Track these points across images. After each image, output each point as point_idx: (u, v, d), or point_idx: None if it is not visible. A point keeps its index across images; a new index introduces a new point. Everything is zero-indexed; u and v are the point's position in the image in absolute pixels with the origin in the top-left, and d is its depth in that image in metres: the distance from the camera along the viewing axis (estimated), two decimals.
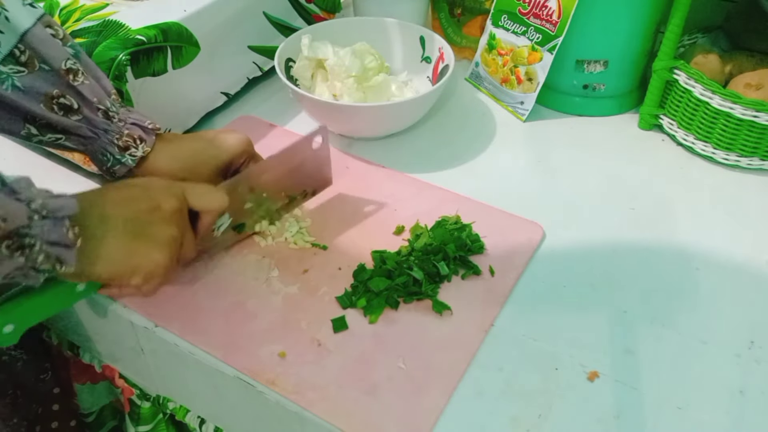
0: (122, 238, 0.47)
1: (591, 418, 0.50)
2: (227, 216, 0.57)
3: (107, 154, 0.56)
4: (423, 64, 0.82)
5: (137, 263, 0.48)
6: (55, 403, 0.74)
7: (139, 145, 0.56)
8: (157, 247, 0.49)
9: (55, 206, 0.42)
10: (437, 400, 0.50)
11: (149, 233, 0.48)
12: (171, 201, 0.50)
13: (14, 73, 0.51)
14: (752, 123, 0.68)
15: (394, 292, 0.57)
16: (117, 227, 0.46)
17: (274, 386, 0.51)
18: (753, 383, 0.52)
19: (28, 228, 0.40)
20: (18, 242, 0.40)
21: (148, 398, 0.67)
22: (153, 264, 0.49)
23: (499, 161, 0.74)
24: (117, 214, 0.47)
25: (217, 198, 0.54)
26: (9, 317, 0.47)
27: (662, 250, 0.63)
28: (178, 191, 0.51)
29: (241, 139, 0.60)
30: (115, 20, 0.67)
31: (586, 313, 0.57)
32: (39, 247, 0.41)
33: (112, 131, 0.55)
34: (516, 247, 0.62)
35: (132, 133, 0.56)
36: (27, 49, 0.51)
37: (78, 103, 0.54)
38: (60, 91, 0.53)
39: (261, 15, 0.81)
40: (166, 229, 0.49)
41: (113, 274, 0.48)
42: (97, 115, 0.55)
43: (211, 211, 0.54)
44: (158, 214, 0.49)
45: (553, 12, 0.74)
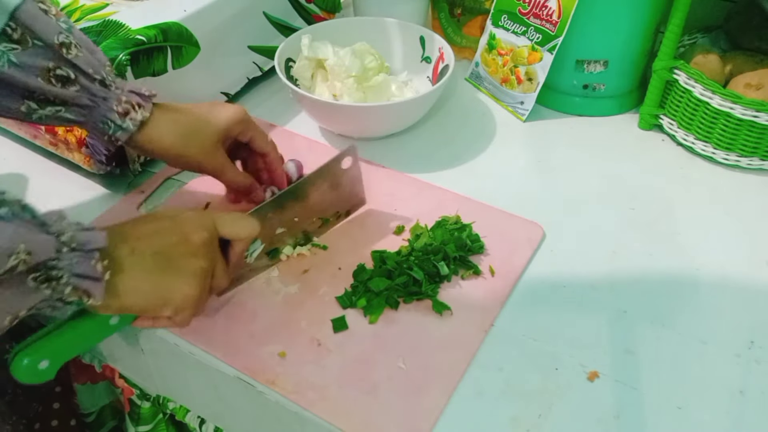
0: (151, 271, 0.47)
1: (591, 418, 0.50)
2: (259, 242, 0.57)
3: (108, 121, 0.55)
4: (423, 64, 0.82)
5: (166, 296, 0.48)
6: (55, 401, 0.74)
7: (138, 110, 0.56)
8: (186, 280, 0.49)
9: (84, 239, 0.43)
10: (437, 400, 0.50)
11: (178, 266, 0.48)
12: (200, 233, 0.49)
13: (9, 50, 0.51)
14: (752, 123, 0.68)
15: (394, 292, 0.57)
16: (146, 261, 0.47)
17: (274, 386, 0.51)
18: (753, 383, 0.52)
19: (56, 260, 0.41)
20: (45, 274, 0.41)
21: (148, 398, 0.67)
22: (182, 297, 0.49)
23: (499, 161, 0.74)
24: (146, 247, 0.47)
25: (248, 225, 0.54)
26: (43, 353, 0.47)
27: (662, 250, 0.63)
28: (208, 221, 0.51)
29: (237, 109, 0.60)
30: (115, 20, 0.67)
31: (586, 313, 0.57)
32: (66, 280, 0.42)
33: (110, 98, 0.55)
34: (516, 247, 0.62)
35: (130, 99, 0.55)
36: (18, 26, 0.50)
37: (74, 74, 0.53)
38: (56, 63, 0.52)
39: (261, 15, 0.81)
40: (195, 261, 0.49)
41: (142, 307, 0.48)
42: (94, 84, 0.54)
43: (242, 239, 0.53)
44: (187, 246, 0.49)
45: (553, 12, 0.74)
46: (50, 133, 0.69)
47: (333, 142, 0.76)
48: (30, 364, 0.46)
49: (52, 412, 0.74)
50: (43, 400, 0.73)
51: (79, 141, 0.66)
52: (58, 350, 0.47)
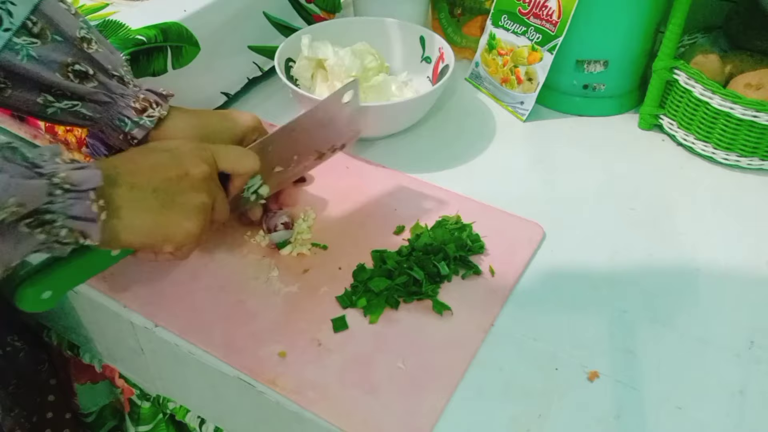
0: (151, 208, 0.46)
1: (591, 418, 0.50)
2: (259, 178, 0.57)
3: (124, 118, 0.55)
4: (423, 64, 0.82)
5: (168, 233, 0.48)
6: (50, 393, 0.74)
7: (156, 108, 0.56)
8: (188, 216, 0.48)
9: (79, 179, 0.42)
10: (437, 400, 0.50)
11: (179, 202, 0.48)
12: (201, 166, 0.49)
13: (29, 44, 0.50)
14: (752, 123, 0.68)
15: (395, 292, 0.57)
16: (146, 197, 0.46)
17: (274, 386, 0.51)
18: (753, 383, 0.52)
19: (49, 204, 0.40)
20: (39, 219, 0.40)
21: (148, 398, 0.67)
22: (184, 232, 0.48)
23: (499, 161, 0.74)
24: (145, 184, 0.46)
25: (249, 160, 0.53)
26: (46, 284, 0.47)
27: (662, 250, 0.63)
28: (208, 155, 0.50)
29: (253, 116, 0.61)
30: (115, 20, 0.67)
31: (586, 313, 0.57)
32: (62, 223, 0.41)
33: (128, 95, 0.55)
34: (516, 247, 0.62)
35: (148, 97, 0.56)
36: (39, 20, 0.51)
37: (93, 69, 0.53)
38: (75, 59, 0.52)
39: (261, 15, 0.81)
40: (196, 196, 0.49)
41: (143, 243, 0.47)
42: (112, 81, 0.54)
43: (243, 174, 0.54)
44: (187, 180, 0.48)
45: (553, 12, 0.74)
46: (50, 133, 0.69)
47: None
48: (33, 293, 0.46)
49: (47, 404, 0.74)
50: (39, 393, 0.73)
51: (79, 141, 0.66)
52: (60, 281, 0.48)
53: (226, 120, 0.59)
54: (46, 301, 0.47)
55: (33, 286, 0.46)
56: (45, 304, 0.47)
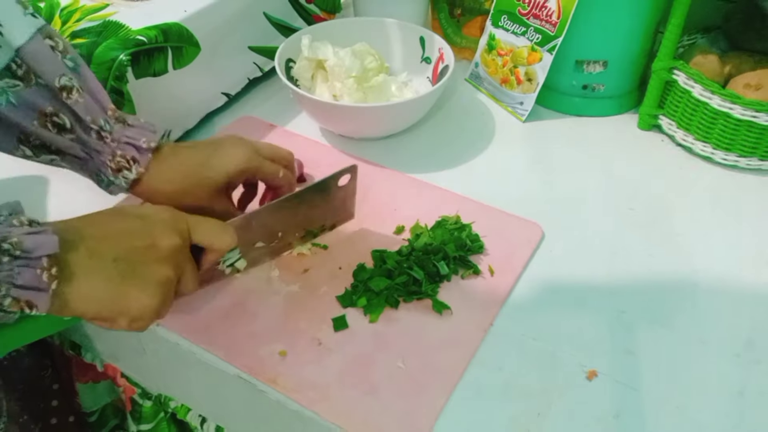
0: (109, 278, 0.43)
1: (590, 417, 0.50)
2: (237, 251, 0.54)
3: (101, 175, 0.54)
4: (423, 64, 0.83)
5: (123, 306, 0.44)
6: (54, 399, 0.74)
7: (132, 166, 0.53)
8: (149, 290, 0.44)
9: (31, 245, 0.39)
10: (437, 399, 0.50)
11: (140, 273, 0.44)
12: (171, 238, 0.46)
13: (9, 87, 0.49)
14: (751, 123, 0.68)
15: (395, 292, 0.57)
16: (105, 266, 0.43)
17: (274, 385, 0.52)
18: (752, 383, 0.52)
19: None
20: None
21: (149, 397, 0.68)
22: (140, 307, 0.44)
23: (498, 161, 0.74)
24: (106, 251, 0.43)
25: (226, 237, 0.50)
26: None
27: (661, 250, 0.63)
28: (182, 227, 0.47)
29: (240, 158, 0.56)
30: (116, 21, 0.67)
31: (585, 312, 0.57)
32: (5, 292, 0.38)
33: (104, 153, 0.53)
34: (516, 247, 0.62)
35: (125, 153, 0.53)
36: (24, 63, 0.50)
37: (71, 122, 0.52)
38: (54, 108, 0.51)
39: (261, 15, 0.81)
40: (160, 269, 0.45)
41: (96, 314, 0.43)
42: (90, 136, 0.53)
43: (215, 250, 0.50)
44: (154, 252, 0.45)
45: (552, 12, 0.74)
46: None
47: (333, 142, 0.76)
48: None
49: (51, 410, 0.74)
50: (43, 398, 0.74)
51: None
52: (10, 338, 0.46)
53: (208, 167, 0.55)
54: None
55: None
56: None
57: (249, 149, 0.57)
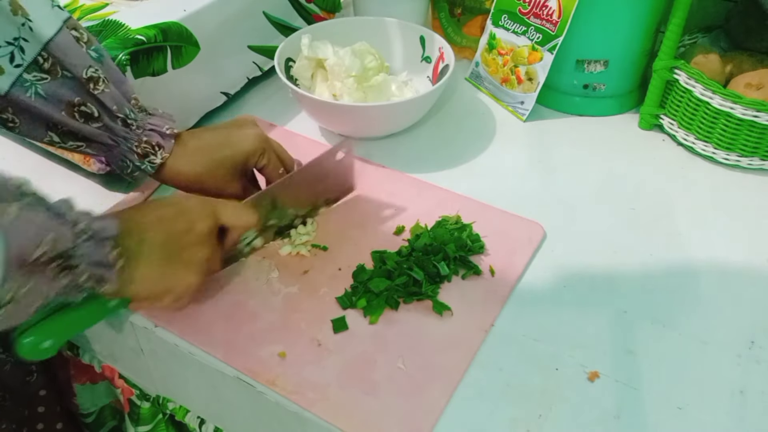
0: (158, 261, 0.48)
1: (591, 418, 0.50)
2: (252, 231, 0.59)
3: (126, 161, 0.57)
4: (423, 63, 0.82)
5: (171, 284, 0.50)
6: (40, 405, 0.74)
7: (158, 152, 0.57)
8: (191, 269, 0.51)
9: (97, 228, 0.44)
10: (437, 400, 0.50)
11: (183, 256, 0.50)
12: (205, 221, 0.51)
13: (37, 80, 0.52)
14: (752, 123, 0.68)
15: (394, 293, 0.57)
16: (153, 251, 0.48)
17: (274, 386, 0.51)
18: (753, 383, 0.52)
19: (74, 249, 0.42)
20: (64, 263, 0.42)
21: (147, 398, 0.67)
22: (185, 285, 0.51)
23: (499, 161, 0.74)
24: (153, 238, 0.48)
25: (248, 216, 0.55)
26: (47, 334, 0.48)
27: (662, 250, 0.63)
28: (210, 210, 0.52)
29: (255, 138, 0.60)
30: (115, 20, 0.67)
31: (586, 313, 0.57)
32: (83, 268, 0.43)
33: (131, 139, 0.56)
34: (516, 247, 0.62)
35: (150, 140, 0.57)
36: (50, 56, 0.52)
37: (98, 111, 0.54)
38: (81, 99, 0.54)
39: (261, 15, 0.81)
40: (200, 250, 0.51)
41: (148, 293, 0.49)
42: (116, 123, 0.55)
43: (239, 228, 0.55)
44: (192, 235, 0.50)
45: (553, 12, 0.74)
46: None
47: (333, 142, 0.76)
48: (33, 343, 0.48)
49: (38, 416, 0.74)
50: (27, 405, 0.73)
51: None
52: (59, 330, 0.49)
53: (228, 147, 0.59)
54: (46, 350, 0.49)
55: (34, 336, 0.48)
56: (45, 353, 0.49)
57: (261, 131, 0.61)
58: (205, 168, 0.58)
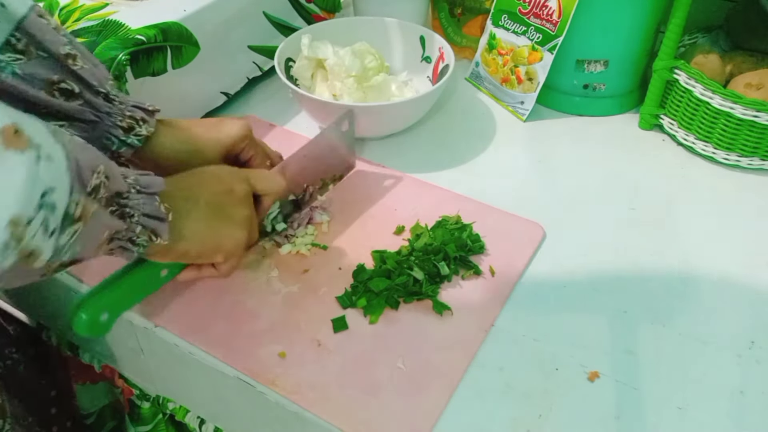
0: (205, 217, 0.50)
1: (591, 418, 0.49)
2: (277, 204, 0.61)
3: (111, 137, 0.55)
4: (423, 63, 0.82)
5: (220, 241, 0.51)
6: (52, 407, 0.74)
7: (143, 125, 0.56)
8: (237, 226, 0.52)
9: (146, 182, 0.45)
10: (437, 400, 0.50)
11: (228, 213, 0.52)
12: (242, 184, 0.53)
13: (13, 61, 0.50)
14: (753, 123, 0.68)
15: (395, 292, 0.57)
16: (199, 208, 0.50)
17: (274, 386, 0.51)
18: (753, 383, 0.52)
19: (127, 198, 0.43)
20: (120, 210, 0.43)
21: (147, 398, 0.67)
22: (234, 241, 0.52)
23: (499, 161, 0.74)
24: (198, 196, 0.50)
25: (278, 181, 0.57)
26: (103, 305, 0.49)
27: (662, 250, 0.63)
28: (244, 176, 0.54)
29: (241, 125, 0.61)
30: (115, 20, 0.67)
31: (586, 313, 0.57)
32: (137, 219, 0.44)
33: (114, 113, 0.55)
34: (516, 247, 0.62)
35: (134, 114, 0.56)
36: (23, 36, 0.50)
37: (79, 87, 0.53)
38: (60, 76, 0.52)
39: (261, 15, 0.81)
40: (242, 209, 0.53)
41: (200, 251, 0.50)
42: (98, 99, 0.54)
43: (272, 194, 0.57)
44: (233, 196, 0.52)
45: (553, 12, 0.74)
46: None
47: None
48: (91, 318, 0.48)
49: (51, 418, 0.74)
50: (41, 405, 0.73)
51: None
52: (115, 302, 0.50)
53: (214, 131, 0.59)
54: (103, 324, 0.49)
55: (91, 309, 0.48)
56: (102, 328, 0.49)
57: (246, 122, 0.61)
58: (191, 149, 0.58)
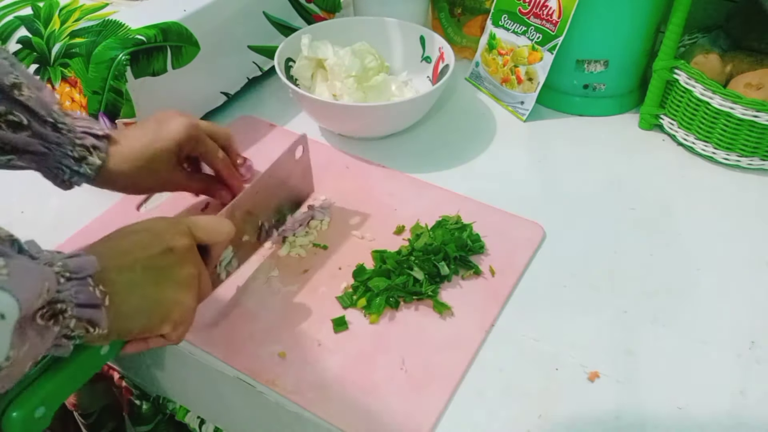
0: (145, 287, 0.44)
1: (591, 418, 0.49)
2: (230, 249, 0.56)
3: (63, 167, 0.54)
4: (423, 63, 0.82)
5: (166, 310, 0.45)
6: None
7: (95, 153, 0.54)
8: (182, 289, 0.46)
9: (75, 266, 0.40)
10: (438, 400, 0.50)
11: (170, 276, 0.45)
12: (181, 239, 0.46)
13: None
14: (752, 123, 0.68)
15: (395, 292, 0.57)
16: (137, 278, 0.43)
17: (274, 386, 0.51)
18: (753, 383, 0.52)
19: (59, 293, 0.38)
20: (50, 310, 0.37)
21: (147, 399, 0.67)
22: (182, 308, 0.46)
23: (499, 161, 0.74)
24: (133, 263, 0.44)
25: (223, 227, 0.51)
26: (38, 399, 0.42)
27: (662, 250, 0.63)
28: (184, 228, 0.48)
29: (185, 125, 0.58)
30: (115, 20, 0.67)
31: (586, 313, 0.57)
32: (71, 312, 0.39)
33: (64, 144, 0.53)
34: (516, 247, 0.62)
35: (84, 142, 0.54)
36: None
37: (26, 118, 0.51)
38: (6, 108, 0.50)
39: (261, 15, 0.81)
40: (184, 269, 0.46)
41: (144, 326, 0.45)
42: (46, 129, 0.52)
43: (220, 242, 0.51)
44: (172, 255, 0.46)
45: (553, 12, 0.74)
46: None
47: (333, 142, 0.76)
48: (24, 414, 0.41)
49: None
50: None
51: None
52: (51, 394, 0.43)
53: (160, 133, 0.57)
54: (39, 421, 0.42)
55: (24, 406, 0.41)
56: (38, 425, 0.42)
57: (189, 119, 0.59)
58: (141, 163, 0.56)
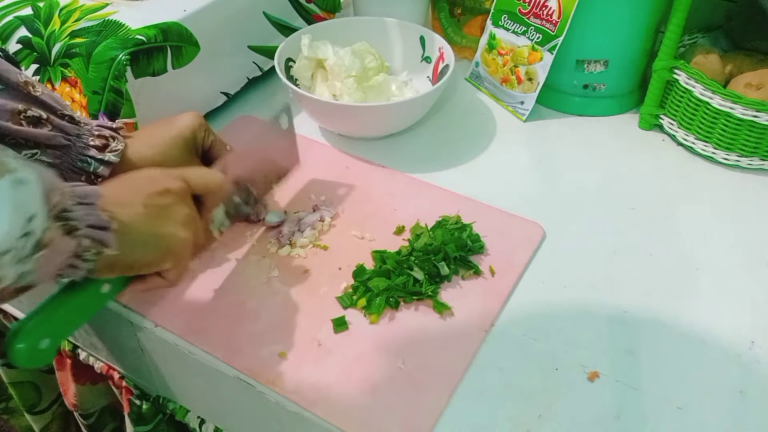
0: (147, 221, 0.47)
1: (591, 418, 0.50)
2: (221, 207, 0.58)
3: (87, 158, 0.54)
4: (423, 63, 0.82)
5: (166, 245, 0.49)
6: None
7: (115, 141, 0.55)
8: (180, 226, 0.49)
9: (82, 192, 0.43)
10: (437, 400, 0.50)
11: (169, 214, 0.49)
12: (177, 182, 0.50)
13: None
14: (752, 123, 0.68)
15: (395, 292, 0.57)
16: (138, 213, 0.47)
17: (274, 386, 0.51)
18: (753, 383, 0.52)
19: (70, 212, 0.41)
20: (66, 224, 0.41)
21: (148, 398, 0.67)
22: (181, 243, 0.50)
23: (499, 161, 0.74)
24: (134, 201, 0.47)
25: (216, 176, 0.54)
26: (43, 330, 0.45)
27: (662, 249, 0.63)
28: (178, 174, 0.51)
29: (193, 115, 0.60)
30: (115, 20, 0.67)
31: (586, 313, 0.57)
32: (84, 231, 0.42)
33: (83, 135, 0.54)
34: (516, 247, 0.62)
35: (102, 132, 0.55)
36: None
37: (45, 113, 0.52)
38: (24, 105, 0.51)
39: (261, 15, 0.81)
40: (182, 207, 0.50)
41: (148, 259, 0.48)
42: (64, 122, 0.53)
43: (213, 192, 0.54)
44: (169, 195, 0.49)
45: (553, 12, 0.74)
46: None
47: (333, 142, 0.76)
48: (29, 346, 0.44)
49: None
50: None
51: None
52: (56, 327, 0.46)
53: (173, 127, 0.58)
54: (44, 352, 0.45)
55: (29, 337, 0.44)
56: (43, 356, 0.45)
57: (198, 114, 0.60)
58: (163, 149, 0.57)
